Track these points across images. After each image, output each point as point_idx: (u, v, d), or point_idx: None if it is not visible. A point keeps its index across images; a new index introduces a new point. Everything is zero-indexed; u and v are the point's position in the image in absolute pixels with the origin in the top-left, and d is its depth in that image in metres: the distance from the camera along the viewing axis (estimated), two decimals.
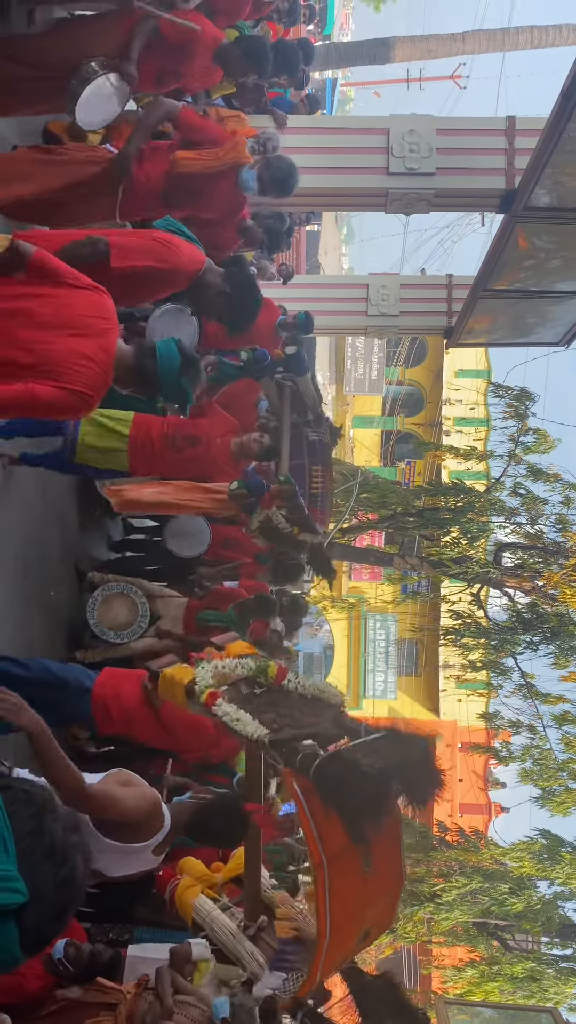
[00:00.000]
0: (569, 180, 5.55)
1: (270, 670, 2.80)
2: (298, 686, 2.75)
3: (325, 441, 6.42)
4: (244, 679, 2.78)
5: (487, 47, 15.43)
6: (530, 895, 10.49)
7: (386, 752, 2.43)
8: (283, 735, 2.56)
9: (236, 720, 2.60)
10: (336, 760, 2.36)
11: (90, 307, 2.86)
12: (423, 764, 2.49)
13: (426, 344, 22.79)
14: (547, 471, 11.62)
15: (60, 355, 2.78)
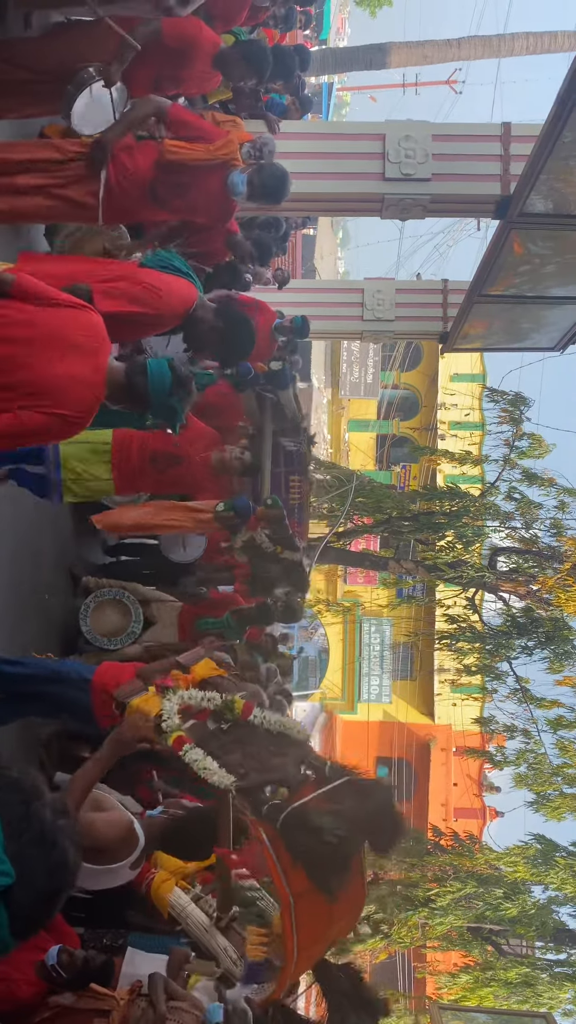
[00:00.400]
0: (564, 186, 5.57)
1: (236, 706, 2.80)
2: (264, 722, 2.78)
3: (302, 451, 6.42)
4: (211, 712, 2.79)
5: (483, 53, 15.50)
6: (524, 900, 10.48)
7: (349, 804, 2.48)
8: (249, 781, 2.59)
9: (204, 768, 2.62)
10: (302, 820, 2.41)
11: (79, 326, 2.82)
12: (386, 814, 2.55)
13: (421, 348, 22.83)
14: (542, 476, 11.65)
15: (51, 379, 2.73)
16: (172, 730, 2.72)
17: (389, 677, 21.71)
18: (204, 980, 3.41)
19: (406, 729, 21.32)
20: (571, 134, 4.84)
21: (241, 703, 2.82)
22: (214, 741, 2.74)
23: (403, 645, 21.35)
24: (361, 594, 21.03)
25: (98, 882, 3.16)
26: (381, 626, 21.54)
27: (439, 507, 12.06)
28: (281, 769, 2.63)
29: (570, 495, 11.48)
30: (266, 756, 2.69)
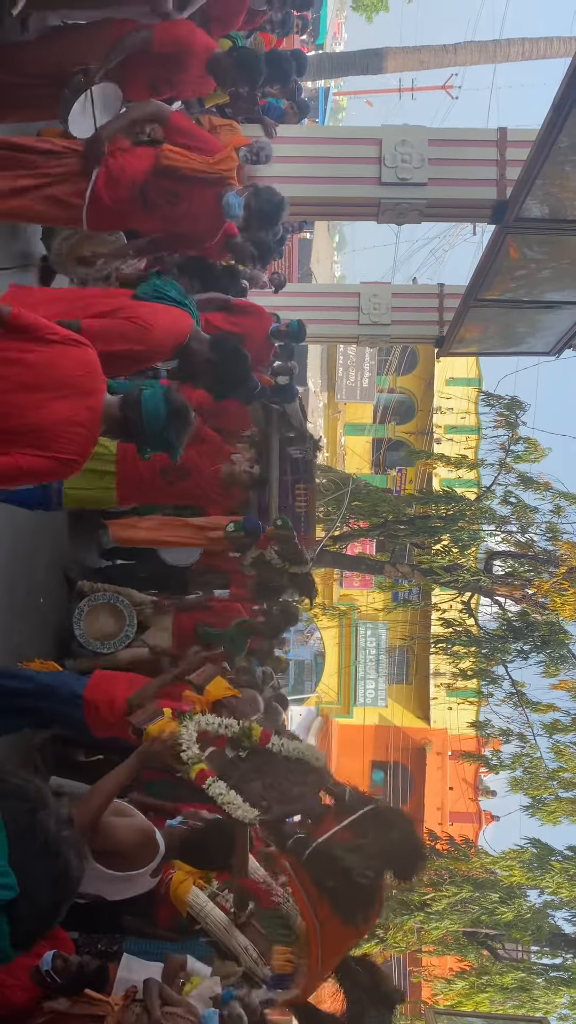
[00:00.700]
0: (560, 191, 5.59)
1: (254, 733, 2.84)
2: (282, 748, 2.81)
3: (308, 459, 6.37)
4: (229, 740, 2.83)
5: (479, 59, 15.54)
6: (520, 904, 10.47)
7: (373, 837, 2.54)
8: (272, 814, 2.66)
9: (228, 803, 2.68)
10: (329, 859, 2.47)
11: (75, 365, 2.74)
12: (410, 845, 2.64)
13: (417, 352, 22.86)
14: (537, 480, 11.67)
15: (48, 422, 2.67)
16: (193, 762, 2.77)
17: (385, 681, 21.70)
18: (200, 986, 3.40)
19: (402, 733, 21.30)
20: (567, 140, 4.86)
21: (259, 730, 2.85)
22: (234, 770, 2.78)
23: (399, 649, 21.35)
24: (357, 598, 21.03)
25: (118, 891, 3.21)
26: (377, 630, 21.53)
27: (435, 511, 12.07)
28: (302, 799, 2.69)
29: (566, 499, 11.50)
30: (286, 785, 2.74)
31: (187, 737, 2.86)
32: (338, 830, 2.59)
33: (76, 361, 2.75)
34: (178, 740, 2.83)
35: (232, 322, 5.93)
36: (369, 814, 2.63)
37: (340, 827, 2.59)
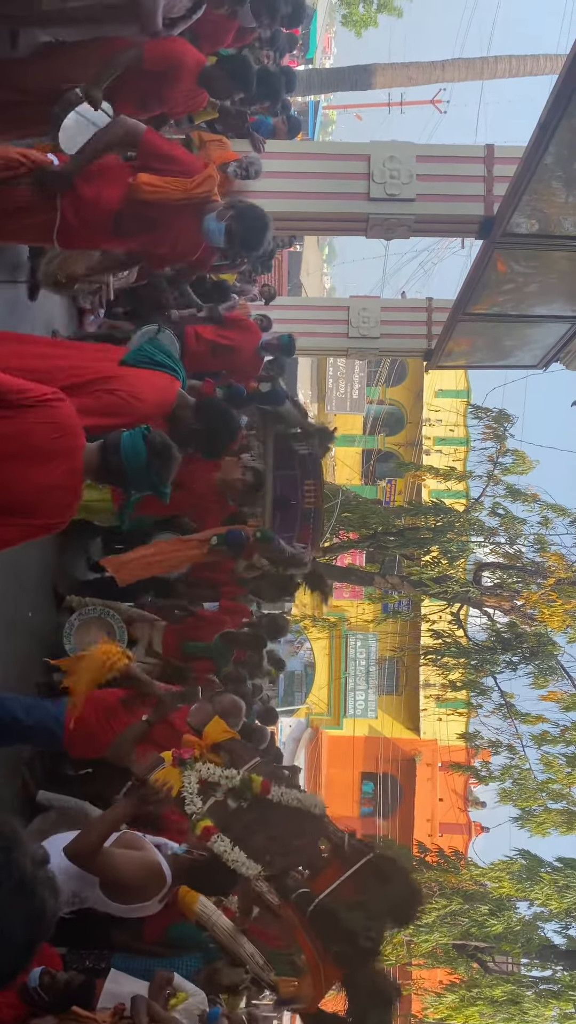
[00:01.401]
0: (546, 207, 5.65)
1: (254, 784, 2.90)
2: (282, 798, 2.87)
3: (316, 454, 6.25)
4: (230, 790, 2.89)
5: (466, 75, 15.71)
6: (510, 916, 10.46)
7: (374, 893, 2.65)
8: (275, 868, 2.75)
9: (232, 860, 2.78)
10: (333, 920, 2.58)
11: (51, 428, 2.57)
12: (409, 896, 2.75)
13: (406, 365, 22.96)
14: (525, 492, 11.75)
15: (28, 493, 2.55)
16: (197, 819, 2.84)
17: (375, 692, 21.69)
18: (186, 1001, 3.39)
19: (392, 744, 21.28)
20: (553, 157, 4.92)
21: (259, 781, 2.91)
22: (236, 822, 2.85)
23: (389, 660, 21.36)
24: (347, 609, 21.03)
25: (124, 913, 3.30)
26: (367, 641, 21.54)
27: (424, 522, 12.12)
28: (303, 852, 2.78)
29: (553, 511, 11.58)
30: (288, 836, 2.82)
31: (189, 789, 2.91)
32: (339, 884, 2.68)
33: (52, 424, 2.58)
34: (181, 793, 2.90)
35: (222, 335, 5.96)
36: (367, 867, 2.71)
37: (341, 881, 2.68)
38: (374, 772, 21.58)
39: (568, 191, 5.54)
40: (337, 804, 21.56)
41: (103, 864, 3.07)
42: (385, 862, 2.77)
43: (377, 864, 2.75)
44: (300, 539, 6.12)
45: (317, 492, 6.24)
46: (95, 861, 3.02)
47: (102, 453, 2.81)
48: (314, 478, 6.15)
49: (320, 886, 2.73)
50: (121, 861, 3.13)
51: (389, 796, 21.10)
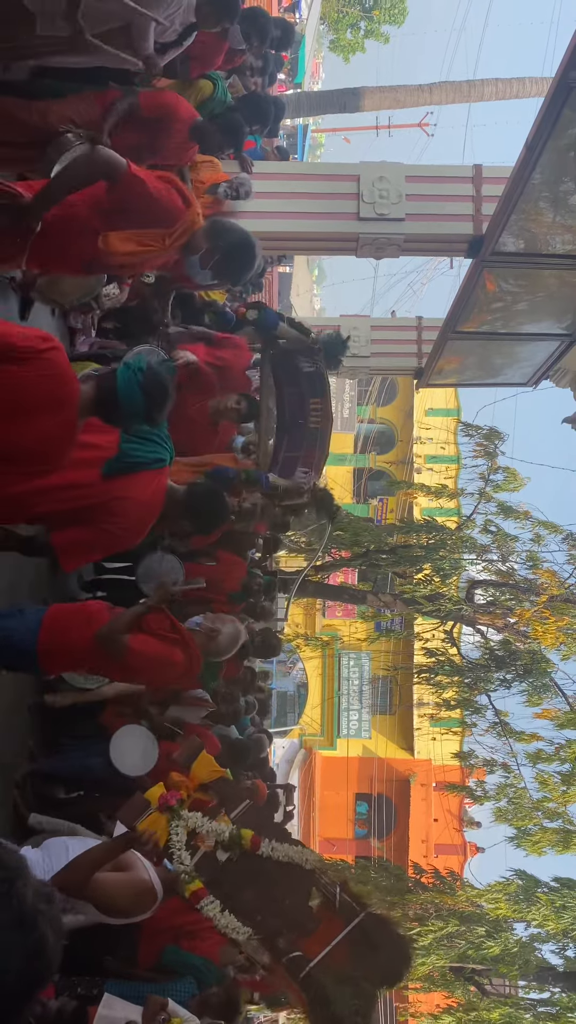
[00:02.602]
0: (534, 227, 5.71)
1: (244, 839, 2.87)
2: (272, 853, 2.85)
3: (320, 371, 5.75)
4: (220, 843, 2.87)
5: (453, 98, 15.93)
6: (507, 938, 10.37)
7: (365, 961, 2.66)
8: (265, 929, 2.74)
9: (223, 925, 2.77)
10: (321, 995, 2.57)
11: (52, 379, 2.61)
12: (399, 962, 2.76)
13: (397, 383, 23.09)
14: (517, 509, 11.78)
15: (33, 442, 2.61)
16: (188, 878, 2.82)
17: (368, 712, 21.60)
18: None
19: (386, 764, 21.16)
20: (539, 177, 4.98)
21: (249, 836, 2.87)
22: (225, 877, 2.83)
23: (382, 679, 21.29)
24: (340, 628, 20.98)
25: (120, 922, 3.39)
26: (360, 660, 21.47)
27: (416, 540, 12.12)
28: (294, 912, 2.77)
29: (545, 528, 11.60)
30: (279, 893, 2.80)
31: (177, 843, 2.88)
32: (330, 950, 2.67)
33: (52, 376, 2.62)
34: (168, 847, 2.89)
35: (213, 355, 5.97)
36: (358, 930, 2.69)
37: (331, 947, 2.67)
38: (368, 793, 21.44)
39: (555, 211, 5.60)
40: (331, 826, 21.38)
41: (93, 892, 3.08)
42: (376, 925, 2.75)
43: (368, 928, 2.73)
44: (304, 462, 5.80)
45: (323, 412, 5.77)
46: (85, 892, 3.04)
47: (96, 393, 2.80)
48: (320, 396, 5.68)
49: (312, 947, 2.70)
50: (111, 887, 3.14)
51: (384, 817, 20.95)
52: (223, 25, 4.52)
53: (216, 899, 2.80)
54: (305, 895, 2.81)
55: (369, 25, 27.31)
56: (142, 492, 3.32)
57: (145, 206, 3.50)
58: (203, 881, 2.84)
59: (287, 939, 2.72)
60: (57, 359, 2.64)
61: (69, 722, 5.18)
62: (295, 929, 2.74)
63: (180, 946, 4.11)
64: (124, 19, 3.79)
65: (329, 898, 2.78)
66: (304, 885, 2.83)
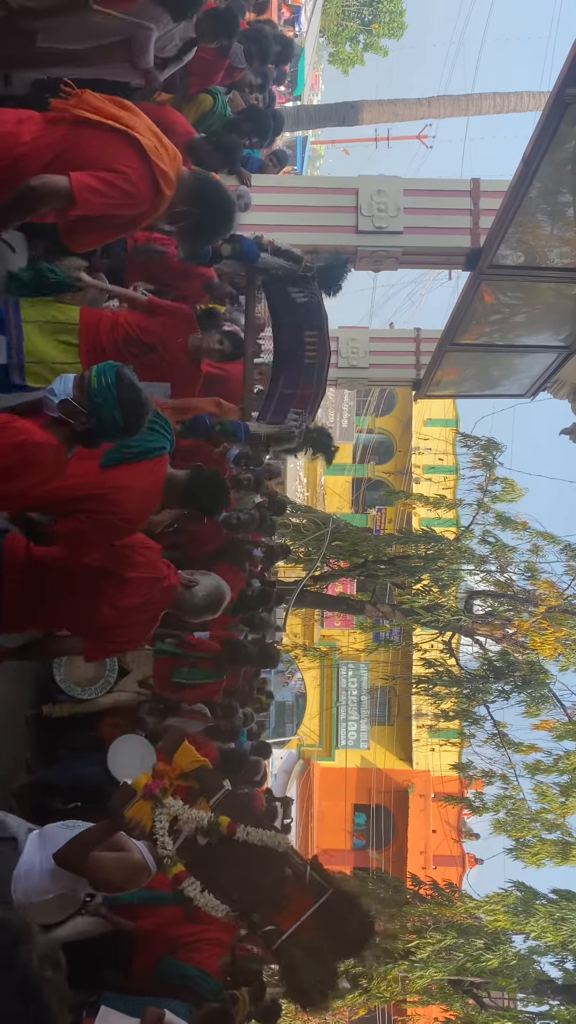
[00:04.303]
0: (532, 240, 5.75)
1: (222, 825, 3.12)
2: (247, 837, 3.11)
3: (316, 301, 5.33)
4: (198, 828, 3.12)
5: (452, 111, 16.04)
6: (505, 950, 10.30)
7: (331, 935, 3.01)
8: (242, 906, 3.06)
9: (203, 903, 3.04)
10: (291, 964, 2.95)
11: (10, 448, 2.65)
12: (361, 934, 3.10)
13: (395, 394, 23.15)
14: (515, 520, 11.78)
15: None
16: (170, 862, 3.08)
17: (367, 722, 21.55)
18: None
19: (384, 775, 21.10)
20: (537, 191, 5.02)
21: (226, 822, 3.12)
22: (205, 858, 3.12)
23: (380, 690, 21.24)
24: (338, 638, 20.95)
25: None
26: (358, 670, 21.43)
27: (415, 551, 12.12)
28: (268, 890, 3.07)
29: (543, 539, 11.60)
30: (253, 874, 3.09)
31: (161, 829, 3.09)
32: (299, 925, 2.98)
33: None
34: (152, 832, 3.11)
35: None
36: (325, 906, 3.01)
37: (301, 921, 2.99)
38: (367, 804, 21.36)
39: (552, 224, 5.64)
40: (329, 837, 21.29)
41: (91, 869, 3.31)
42: (343, 900, 3.04)
43: (334, 904, 3.02)
44: (299, 402, 5.44)
45: (319, 345, 5.36)
46: (82, 868, 3.28)
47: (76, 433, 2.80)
48: (316, 329, 5.28)
49: (286, 920, 3.00)
50: (106, 865, 3.35)
51: (382, 828, 20.87)
52: (221, 41, 4.56)
53: (197, 880, 3.06)
54: (278, 874, 3.09)
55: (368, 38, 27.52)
56: (142, 481, 3.34)
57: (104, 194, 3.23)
58: (184, 864, 3.09)
59: (262, 913, 3.03)
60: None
61: (66, 733, 5.18)
62: (269, 905, 3.04)
63: (176, 957, 4.11)
64: (124, 33, 3.84)
65: (299, 876, 3.07)
66: (277, 865, 3.10)
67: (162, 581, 3.57)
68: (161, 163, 3.22)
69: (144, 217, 3.37)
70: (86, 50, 3.78)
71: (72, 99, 3.17)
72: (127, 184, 3.15)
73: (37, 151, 3.09)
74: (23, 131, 3.08)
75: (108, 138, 3.16)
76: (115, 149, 3.16)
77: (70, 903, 3.80)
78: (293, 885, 3.07)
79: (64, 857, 3.24)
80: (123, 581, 3.42)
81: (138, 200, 3.23)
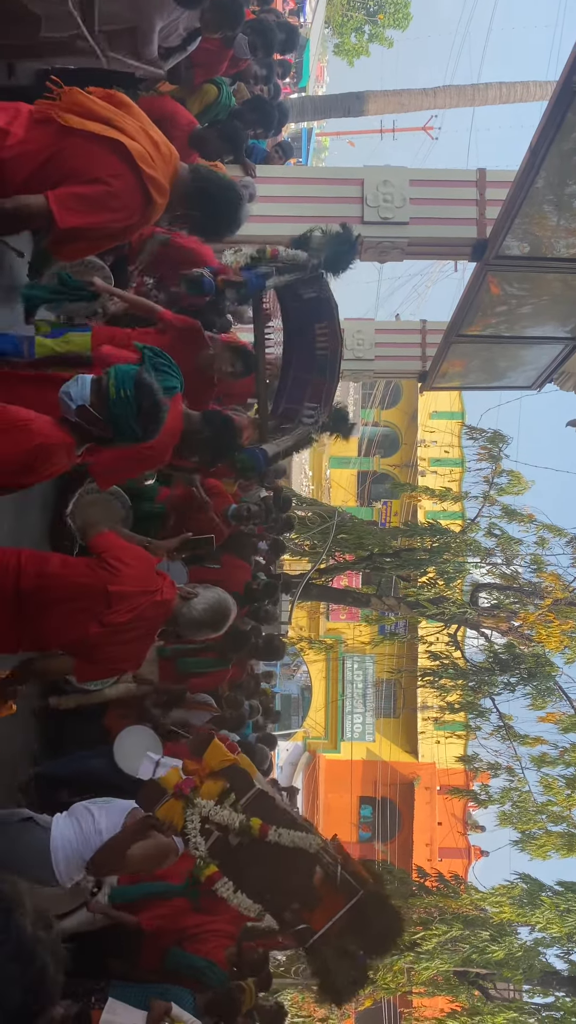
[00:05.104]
0: (538, 230, 5.71)
1: (253, 827, 3.13)
2: (279, 839, 3.12)
3: (325, 296, 5.21)
4: (231, 831, 3.14)
5: (457, 102, 15.95)
6: (511, 942, 10.32)
7: (361, 935, 3.05)
8: (273, 906, 3.11)
9: (238, 903, 3.09)
10: (323, 964, 3.01)
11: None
12: (390, 935, 3.18)
13: (400, 386, 23.09)
14: (521, 512, 11.76)
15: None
16: (203, 864, 3.10)
17: (372, 715, 21.57)
18: None
19: (390, 768, 21.13)
20: (543, 181, 4.99)
21: (258, 824, 3.13)
22: (237, 858, 3.14)
23: (386, 682, 21.26)
24: (344, 631, 20.96)
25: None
26: (364, 663, 21.45)
27: (420, 543, 12.11)
28: (299, 892, 3.10)
29: (549, 531, 11.59)
30: (285, 875, 3.13)
31: (193, 829, 3.10)
32: (331, 925, 3.02)
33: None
34: (184, 832, 3.14)
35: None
36: (355, 908, 3.03)
37: (333, 922, 3.02)
38: (372, 796, 21.40)
39: (559, 214, 5.60)
40: (335, 829, 21.31)
41: (126, 868, 3.46)
42: (373, 903, 3.08)
43: (365, 906, 3.05)
44: (313, 395, 5.39)
45: (330, 334, 5.27)
46: (118, 871, 3.46)
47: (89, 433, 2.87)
48: (326, 319, 5.19)
49: (317, 919, 3.03)
50: (139, 858, 3.39)
51: (388, 820, 20.91)
52: (225, 32, 4.53)
53: (229, 881, 3.10)
54: (309, 875, 3.11)
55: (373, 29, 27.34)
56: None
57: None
58: (217, 865, 3.12)
59: (294, 913, 3.07)
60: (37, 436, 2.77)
61: (73, 724, 5.19)
62: (301, 905, 3.07)
63: (183, 948, 4.12)
64: (129, 22, 3.82)
65: (331, 876, 3.09)
66: (308, 866, 3.12)
67: (153, 595, 3.38)
68: (150, 169, 3.16)
69: (134, 228, 3.34)
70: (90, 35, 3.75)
71: (58, 99, 3.11)
72: (110, 198, 3.11)
73: (22, 156, 3.04)
74: (11, 131, 3.03)
75: (93, 146, 3.10)
76: (99, 158, 3.10)
77: (79, 895, 3.83)
78: (323, 884, 3.09)
79: (99, 866, 3.31)
80: (107, 596, 3.25)
81: (124, 212, 3.18)
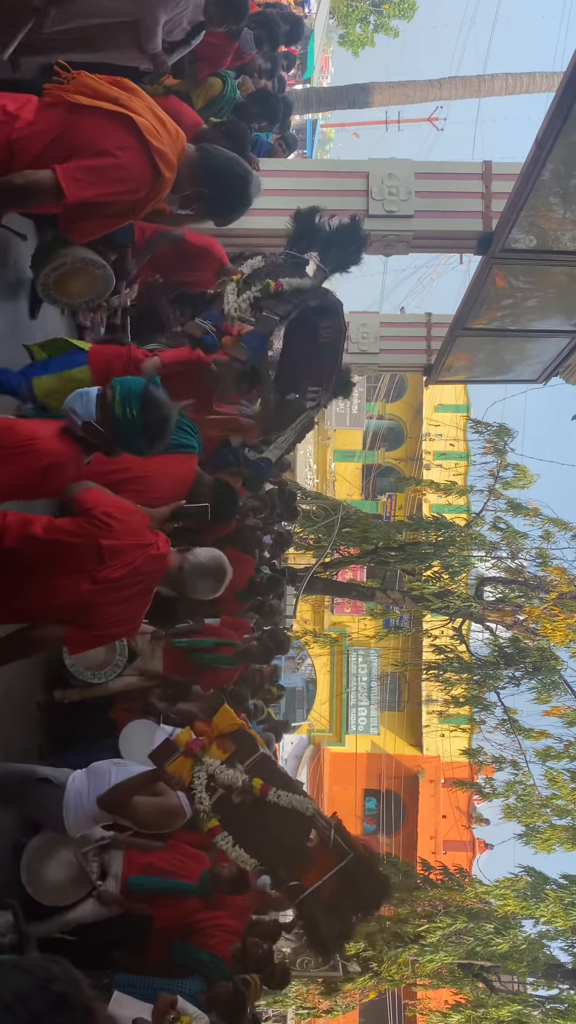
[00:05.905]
0: (544, 223, 5.69)
1: (255, 787, 3.35)
2: (278, 800, 3.35)
3: (331, 302, 5.21)
4: (234, 789, 3.35)
5: (463, 93, 15.86)
6: (515, 935, 10.35)
7: (348, 895, 3.28)
8: (269, 862, 3.33)
9: (235, 857, 3.32)
10: (311, 918, 3.25)
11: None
12: (377, 895, 3.41)
13: (406, 380, 23.04)
14: (527, 506, 11.74)
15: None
16: (206, 817, 3.33)
17: (377, 708, 21.61)
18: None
19: (394, 761, 21.17)
20: (550, 173, 4.97)
21: (259, 784, 3.35)
22: (237, 817, 3.36)
23: (391, 676, 21.28)
24: (348, 624, 20.98)
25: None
26: (368, 657, 21.47)
27: (425, 537, 12.09)
28: (294, 851, 3.33)
29: (555, 525, 11.56)
30: (282, 834, 3.35)
31: (199, 785, 3.33)
32: (321, 884, 3.24)
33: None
34: (191, 788, 3.37)
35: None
36: (346, 868, 3.26)
37: (323, 880, 3.24)
38: (377, 789, 21.45)
39: (565, 207, 5.58)
40: None
41: (132, 814, 3.67)
42: (360, 865, 3.29)
43: (353, 868, 3.27)
44: (315, 378, 5.48)
45: (334, 328, 5.36)
46: (124, 811, 3.63)
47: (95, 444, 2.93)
48: (330, 318, 5.26)
49: (309, 878, 3.28)
50: (146, 807, 3.68)
51: (392, 813, 20.96)
52: (229, 25, 4.51)
53: (229, 835, 3.33)
54: (304, 835, 3.37)
55: (379, 19, 27.19)
56: (176, 468, 3.77)
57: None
58: (218, 820, 3.35)
59: (287, 870, 3.32)
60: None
61: (79, 718, 5.20)
62: (294, 863, 3.32)
63: (189, 942, 4.14)
64: (132, 15, 3.80)
65: (324, 839, 3.34)
66: (303, 827, 3.37)
67: (148, 548, 3.13)
68: (158, 143, 3.16)
69: (145, 203, 3.32)
70: (93, 30, 3.73)
71: (68, 83, 3.14)
72: (118, 169, 3.10)
73: (32, 136, 3.06)
74: (21, 115, 3.06)
75: (102, 121, 3.12)
76: (108, 131, 3.11)
77: (82, 885, 3.85)
78: (317, 846, 3.32)
79: (108, 801, 3.55)
80: (100, 551, 2.98)
81: (133, 185, 3.17)
